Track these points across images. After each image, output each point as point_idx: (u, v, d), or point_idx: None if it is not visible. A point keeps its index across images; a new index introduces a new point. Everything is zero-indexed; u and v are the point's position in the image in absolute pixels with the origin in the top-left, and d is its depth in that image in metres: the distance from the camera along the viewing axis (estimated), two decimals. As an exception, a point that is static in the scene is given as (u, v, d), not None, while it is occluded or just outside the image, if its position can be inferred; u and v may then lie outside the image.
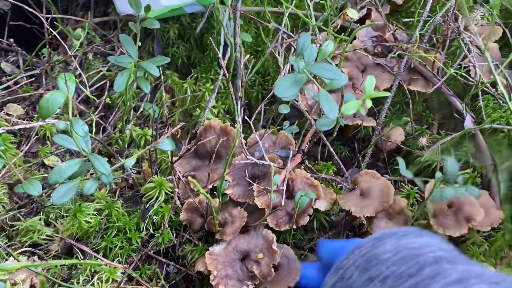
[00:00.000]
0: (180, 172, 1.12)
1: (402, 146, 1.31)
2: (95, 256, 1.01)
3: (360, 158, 1.30)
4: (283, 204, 1.09)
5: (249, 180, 1.14)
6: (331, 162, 1.32)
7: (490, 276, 0.62)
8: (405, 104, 1.41)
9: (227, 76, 1.16)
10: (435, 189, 1.04)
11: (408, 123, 1.39)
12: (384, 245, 0.75)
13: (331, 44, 1.07)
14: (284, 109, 1.21)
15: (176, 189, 0.97)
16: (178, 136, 1.29)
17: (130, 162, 0.95)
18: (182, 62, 1.55)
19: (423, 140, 1.33)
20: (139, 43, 1.09)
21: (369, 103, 1.04)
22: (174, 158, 1.10)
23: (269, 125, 1.32)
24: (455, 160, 1.03)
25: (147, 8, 1.05)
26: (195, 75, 1.49)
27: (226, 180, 1.15)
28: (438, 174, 1.08)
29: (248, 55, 1.26)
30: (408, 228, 0.82)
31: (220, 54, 1.11)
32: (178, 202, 1.11)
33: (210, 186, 1.10)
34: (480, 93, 1.24)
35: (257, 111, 1.33)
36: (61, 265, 1.10)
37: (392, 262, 0.69)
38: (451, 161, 1.04)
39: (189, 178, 0.94)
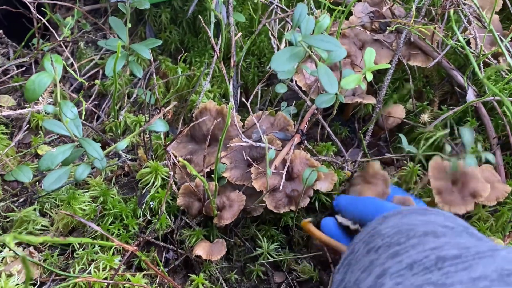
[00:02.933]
0: (176, 156, 1.09)
1: (405, 120, 1.27)
2: (106, 237, 0.96)
3: (361, 137, 1.27)
4: (281, 186, 1.06)
5: (248, 162, 1.11)
6: (331, 142, 1.29)
7: (472, 246, 0.64)
8: (405, 81, 1.38)
9: (219, 55, 1.13)
10: (451, 159, 1.02)
11: (409, 100, 1.35)
12: (387, 223, 0.80)
13: (328, 17, 1.04)
14: (281, 89, 1.17)
15: (171, 173, 0.94)
16: (169, 116, 1.26)
17: (122, 144, 0.92)
18: (176, 47, 1.51)
19: (425, 116, 1.30)
20: (129, 25, 1.06)
21: (369, 76, 1.01)
22: (168, 143, 1.07)
23: (266, 107, 1.29)
24: (471, 129, 1.00)
25: (135, -13, 1.01)
26: (188, 59, 1.45)
27: (223, 163, 1.12)
28: (447, 147, 1.05)
29: (240, 33, 1.22)
30: (414, 208, 0.85)
31: (210, 33, 1.07)
32: (174, 187, 1.08)
33: (207, 170, 1.07)
34: (481, 65, 1.21)
35: (253, 93, 1.30)
36: (57, 255, 1.07)
37: (388, 235, 0.74)
38: (468, 131, 1.01)
39: (184, 161, 0.91)
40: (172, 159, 1.04)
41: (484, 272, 0.57)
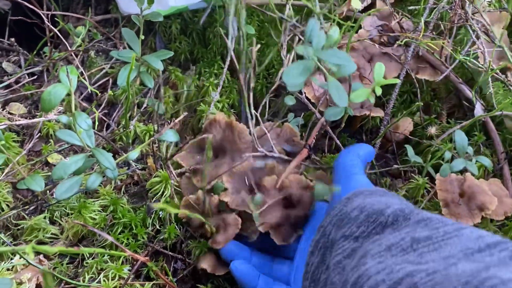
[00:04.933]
0: (175, 169, 1.10)
1: (410, 136, 1.28)
2: (116, 246, 0.96)
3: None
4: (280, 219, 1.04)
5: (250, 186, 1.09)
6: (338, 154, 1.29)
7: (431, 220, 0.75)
8: (412, 94, 1.39)
9: (238, 68, 1.13)
10: (444, 164, 1.03)
11: (417, 113, 1.36)
12: (352, 204, 0.88)
13: (337, 31, 1.05)
14: (290, 101, 1.18)
15: (172, 181, 0.95)
16: (177, 127, 1.27)
17: (133, 154, 0.93)
18: (185, 58, 1.53)
19: (432, 130, 1.31)
20: (142, 37, 1.07)
21: (378, 91, 1.02)
22: (172, 154, 1.08)
23: (274, 118, 1.30)
24: (461, 131, 1.02)
25: (150, 0, 1.03)
26: (198, 70, 1.47)
27: (225, 188, 1.09)
28: (447, 153, 1.07)
29: (259, 45, 1.23)
30: (374, 188, 0.93)
31: (229, 44, 1.07)
32: (176, 200, 1.09)
33: (210, 187, 1.07)
34: (490, 79, 1.22)
35: (262, 105, 1.31)
36: (67, 263, 1.08)
37: (360, 221, 0.82)
38: (460, 133, 1.03)
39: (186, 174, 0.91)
40: (171, 169, 1.05)
41: (452, 252, 0.67)
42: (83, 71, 1.43)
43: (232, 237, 1.04)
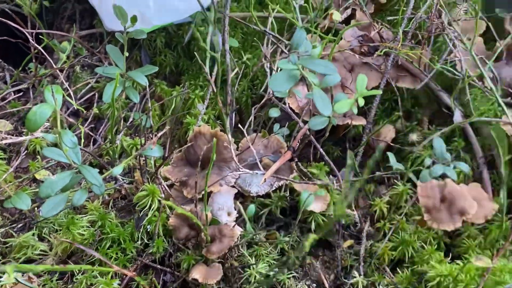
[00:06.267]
0: (165, 180, 1.11)
1: (391, 144, 1.31)
2: (104, 262, 0.97)
3: (352, 157, 1.30)
4: None
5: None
6: (323, 162, 1.32)
7: None
8: (394, 102, 1.42)
9: (216, 91, 1.16)
10: (424, 170, 1.06)
11: (398, 120, 1.39)
12: None
13: (319, 45, 1.08)
14: (275, 113, 1.21)
15: (162, 194, 0.97)
16: (155, 140, 1.29)
17: (117, 169, 0.95)
18: (170, 70, 1.55)
19: (414, 136, 1.34)
20: (126, 54, 1.09)
21: (361, 102, 1.05)
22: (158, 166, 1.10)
23: (260, 129, 1.33)
24: (440, 138, 1.05)
25: (133, 19, 1.05)
26: (183, 82, 1.49)
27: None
28: (427, 160, 1.10)
29: (236, 68, 1.26)
30: None
31: (206, 69, 1.10)
32: (169, 211, 1.10)
33: (200, 196, 1.09)
34: (467, 86, 1.25)
35: (249, 117, 1.33)
36: (56, 280, 1.08)
37: None
38: (439, 140, 1.06)
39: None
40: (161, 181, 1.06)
41: None
42: (68, 87, 1.44)
43: (227, 248, 1.05)
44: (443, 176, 1.14)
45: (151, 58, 1.53)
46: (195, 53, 1.45)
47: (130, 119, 1.38)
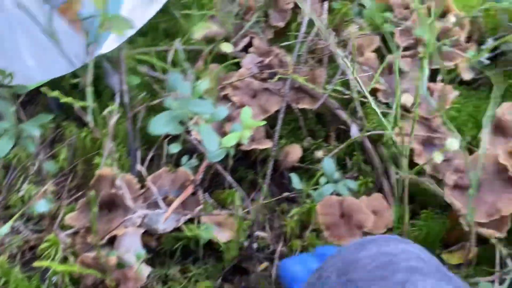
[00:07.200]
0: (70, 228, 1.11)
1: (297, 164, 1.36)
2: None
3: (260, 180, 1.34)
4: None
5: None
6: (235, 189, 1.35)
7: None
8: (299, 122, 1.47)
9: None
10: (317, 190, 1.12)
11: (305, 139, 1.45)
12: (365, 251, 0.76)
13: (206, 81, 1.12)
14: (174, 148, 1.23)
15: (62, 245, 0.97)
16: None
17: (3, 230, 0.94)
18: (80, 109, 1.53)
19: (319, 153, 1.40)
20: (13, 108, 1.08)
21: (247, 134, 1.09)
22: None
23: (166, 162, 1.35)
24: (330, 159, 1.12)
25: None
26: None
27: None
28: (322, 179, 1.16)
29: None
30: (389, 236, 0.86)
31: (89, 118, 1.12)
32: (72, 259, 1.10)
33: (105, 241, 1.09)
34: (358, 103, 1.32)
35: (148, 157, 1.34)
36: None
37: (369, 268, 0.71)
38: (328, 161, 1.13)
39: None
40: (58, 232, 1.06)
41: None
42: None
43: None
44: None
45: (58, 102, 1.51)
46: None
47: (36, 165, 1.37)
